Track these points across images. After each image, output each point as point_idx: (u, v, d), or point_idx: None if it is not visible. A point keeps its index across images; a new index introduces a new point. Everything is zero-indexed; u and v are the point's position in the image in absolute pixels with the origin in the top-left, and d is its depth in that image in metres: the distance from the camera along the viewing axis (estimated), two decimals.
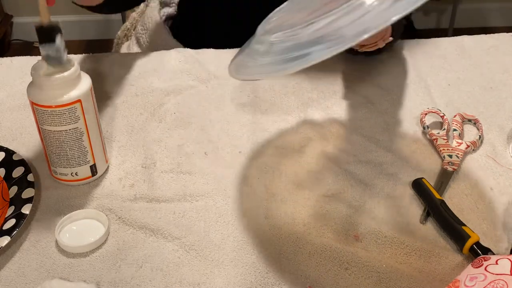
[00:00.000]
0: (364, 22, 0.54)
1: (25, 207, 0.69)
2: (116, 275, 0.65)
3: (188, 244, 0.68)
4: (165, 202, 0.73)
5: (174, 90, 0.92)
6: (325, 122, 0.86)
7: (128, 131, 0.85)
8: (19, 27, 2.55)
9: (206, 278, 0.64)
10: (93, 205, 0.73)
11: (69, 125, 0.69)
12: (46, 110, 0.68)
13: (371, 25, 0.53)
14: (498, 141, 0.82)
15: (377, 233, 0.69)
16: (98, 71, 0.97)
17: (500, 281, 0.54)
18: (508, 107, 0.89)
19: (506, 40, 1.04)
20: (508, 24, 2.62)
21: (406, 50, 1.01)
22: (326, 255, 0.66)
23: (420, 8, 2.05)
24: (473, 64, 0.98)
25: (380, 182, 0.76)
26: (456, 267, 0.65)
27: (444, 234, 0.69)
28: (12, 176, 0.74)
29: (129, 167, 0.78)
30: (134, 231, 0.70)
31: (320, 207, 0.72)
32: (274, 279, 0.64)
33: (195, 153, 0.81)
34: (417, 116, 0.86)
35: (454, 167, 0.77)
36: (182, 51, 1.01)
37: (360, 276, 0.64)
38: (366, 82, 0.94)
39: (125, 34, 1.22)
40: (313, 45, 0.56)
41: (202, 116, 0.87)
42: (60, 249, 0.67)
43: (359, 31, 0.53)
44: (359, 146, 0.82)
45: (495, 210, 0.72)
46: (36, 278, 0.64)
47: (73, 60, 0.70)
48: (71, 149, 0.71)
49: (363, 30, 0.52)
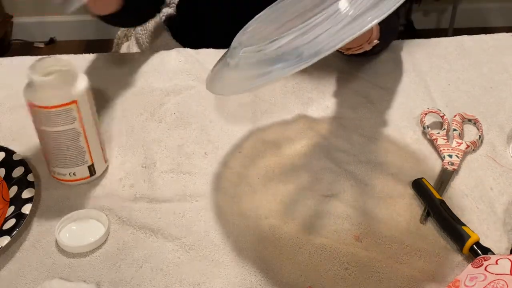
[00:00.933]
0: (319, 42, 0.56)
1: (25, 207, 0.69)
2: (116, 275, 0.65)
3: (188, 244, 0.68)
4: (165, 202, 0.73)
5: (174, 90, 0.92)
6: (325, 122, 0.86)
7: (128, 131, 0.85)
8: (19, 27, 2.55)
9: (206, 278, 0.64)
10: (93, 205, 0.73)
11: (66, 126, 0.69)
12: (42, 111, 0.68)
13: (325, 46, 0.54)
14: (498, 141, 0.82)
15: (377, 233, 0.69)
16: (98, 71, 0.97)
17: (500, 281, 0.54)
18: (508, 107, 0.89)
19: (506, 40, 1.04)
20: (508, 24, 2.62)
21: (406, 50, 1.01)
22: (326, 255, 0.66)
23: (420, 8, 2.06)
24: (473, 64, 0.98)
25: (380, 182, 0.76)
26: (456, 267, 0.65)
27: (444, 234, 0.69)
28: (12, 176, 0.74)
29: (129, 167, 0.78)
30: (134, 231, 0.70)
31: (320, 207, 0.72)
32: (274, 279, 0.64)
33: (195, 153, 0.81)
34: (417, 116, 0.86)
35: (454, 167, 0.77)
36: (182, 51, 1.01)
37: (360, 276, 0.64)
38: (366, 82, 0.93)
39: (125, 34, 1.22)
40: (275, 63, 0.58)
41: (202, 116, 0.87)
42: (60, 249, 0.67)
43: (312, 52, 0.55)
44: (359, 146, 0.82)
45: (495, 210, 0.72)
46: (36, 278, 0.64)
47: (69, 61, 0.70)
48: (68, 150, 0.71)
49: (316, 52, 0.54)
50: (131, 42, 1.16)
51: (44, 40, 2.55)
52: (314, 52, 0.55)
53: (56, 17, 2.54)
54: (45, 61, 0.70)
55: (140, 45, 1.13)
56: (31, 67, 0.68)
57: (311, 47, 0.55)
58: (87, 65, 0.98)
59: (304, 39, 0.56)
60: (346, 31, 0.54)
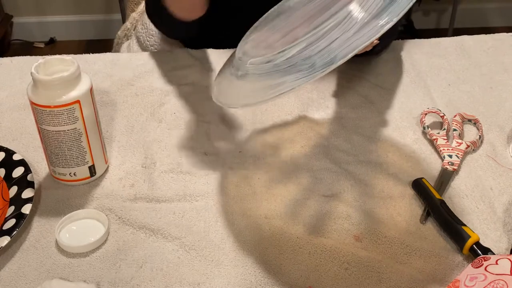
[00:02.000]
0: (332, 50, 0.54)
1: (25, 207, 0.69)
2: (116, 275, 0.65)
3: (188, 244, 0.68)
4: (165, 202, 0.73)
5: (174, 90, 0.92)
6: (325, 122, 0.86)
7: (128, 131, 0.85)
8: (19, 27, 2.55)
9: (206, 278, 0.64)
10: (93, 205, 0.73)
11: (68, 126, 0.69)
12: (44, 110, 0.68)
13: (339, 54, 0.53)
14: (498, 141, 0.82)
15: (377, 233, 0.69)
16: (98, 71, 0.97)
17: (500, 281, 0.54)
18: (508, 107, 0.89)
19: (506, 40, 1.04)
20: (508, 24, 2.62)
21: (406, 50, 1.01)
22: (326, 255, 0.66)
23: (420, 8, 2.06)
24: (473, 64, 0.98)
25: (380, 182, 0.76)
26: (456, 267, 0.65)
27: (444, 234, 0.69)
28: (12, 176, 0.74)
29: (129, 167, 0.78)
30: (134, 231, 0.70)
31: (320, 207, 0.72)
32: (274, 279, 0.64)
33: (195, 153, 0.81)
34: (417, 116, 0.86)
35: (454, 167, 0.77)
36: (182, 51, 1.01)
37: (360, 276, 0.64)
38: (366, 82, 0.94)
39: (125, 34, 1.22)
40: (287, 74, 0.56)
41: (202, 116, 0.87)
42: (60, 249, 0.67)
43: (326, 61, 0.53)
44: (359, 146, 0.82)
45: (495, 210, 0.72)
46: (36, 278, 0.64)
47: (74, 60, 0.70)
48: (70, 150, 0.71)
49: (330, 61, 0.53)
50: (131, 41, 1.16)
51: (44, 40, 2.55)
52: (328, 61, 0.53)
53: (56, 17, 2.54)
54: (49, 61, 0.70)
55: (141, 45, 1.13)
56: (35, 67, 0.68)
57: (324, 56, 0.54)
58: (87, 65, 0.98)
59: (315, 48, 0.55)
60: (359, 37, 0.53)
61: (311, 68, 0.54)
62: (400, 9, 0.52)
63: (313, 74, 0.53)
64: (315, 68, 0.54)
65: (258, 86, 0.59)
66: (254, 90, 0.60)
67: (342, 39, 0.54)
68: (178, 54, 1.01)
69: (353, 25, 0.54)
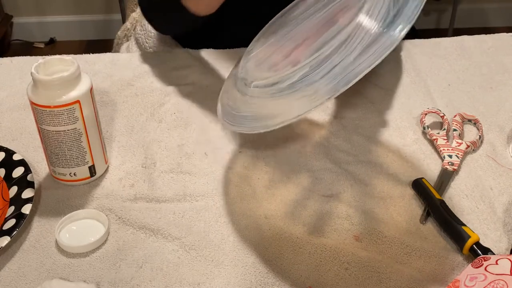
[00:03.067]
0: (335, 76, 0.53)
1: (25, 207, 0.69)
2: (116, 275, 0.65)
3: (188, 244, 0.68)
4: (165, 202, 0.73)
5: (174, 90, 0.92)
6: (325, 122, 0.86)
7: (128, 131, 0.85)
8: (19, 27, 2.55)
9: (206, 278, 0.64)
10: (93, 205, 0.73)
11: (68, 126, 0.69)
12: (44, 110, 0.68)
13: (341, 81, 0.52)
14: (498, 141, 0.82)
15: (377, 233, 0.69)
16: (98, 71, 0.97)
17: (500, 281, 0.54)
18: (508, 107, 0.89)
19: (506, 40, 1.04)
20: (508, 24, 2.62)
21: (406, 50, 1.01)
22: (326, 255, 0.66)
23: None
24: (473, 64, 0.98)
25: (380, 182, 0.76)
26: (456, 267, 0.65)
27: (444, 234, 0.69)
28: (12, 176, 0.74)
29: (129, 167, 0.78)
30: (134, 231, 0.70)
31: (320, 207, 0.72)
32: (274, 279, 0.64)
33: (195, 153, 0.81)
34: (417, 116, 0.86)
35: (454, 167, 0.77)
36: (182, 51, 1.01)
37: (360, 276, 0.64)
38: (366, 82, 0.94)
39: (125, 34, 1.22)
40: (292, 100, 0.56)
41: (202, 116, 0.87)
42: (60, 249, 0.67)
43: (330, 88, 0.52)
44: (359, 146, 0.82)
45: (495, 210, 0.72)
46: (36, 278, 0.64)
47: (74, 61, 0.70)
48: (70, 150, 0.71)
49: (332, 88, 0.52)
50: (130, 42, 1.16)
51: (44, 40, 2.55)
52: (330, 89, 0.52)
53: (56, 17, 2.54)
54: (49, 61, 0.71)
55: (140, 46, 1.13)
56: (35, 67, 0.69)
57: (327, 83, 0.53)
58: (87, 65, 0.98)
59: (318, 73, 0.54)
60: (361, 61, 0.52)
61: (315, 94, 0.54)
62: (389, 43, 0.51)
63: (317, 102, 0.52)
64: (318, 96, 0.53)
65: (264, 113, 0.59)
66: (256, 118, 0.59)
67: (343, 65, 0.53)
68: (178, 54, 1.01)
69: (354, 49, 0.53)
